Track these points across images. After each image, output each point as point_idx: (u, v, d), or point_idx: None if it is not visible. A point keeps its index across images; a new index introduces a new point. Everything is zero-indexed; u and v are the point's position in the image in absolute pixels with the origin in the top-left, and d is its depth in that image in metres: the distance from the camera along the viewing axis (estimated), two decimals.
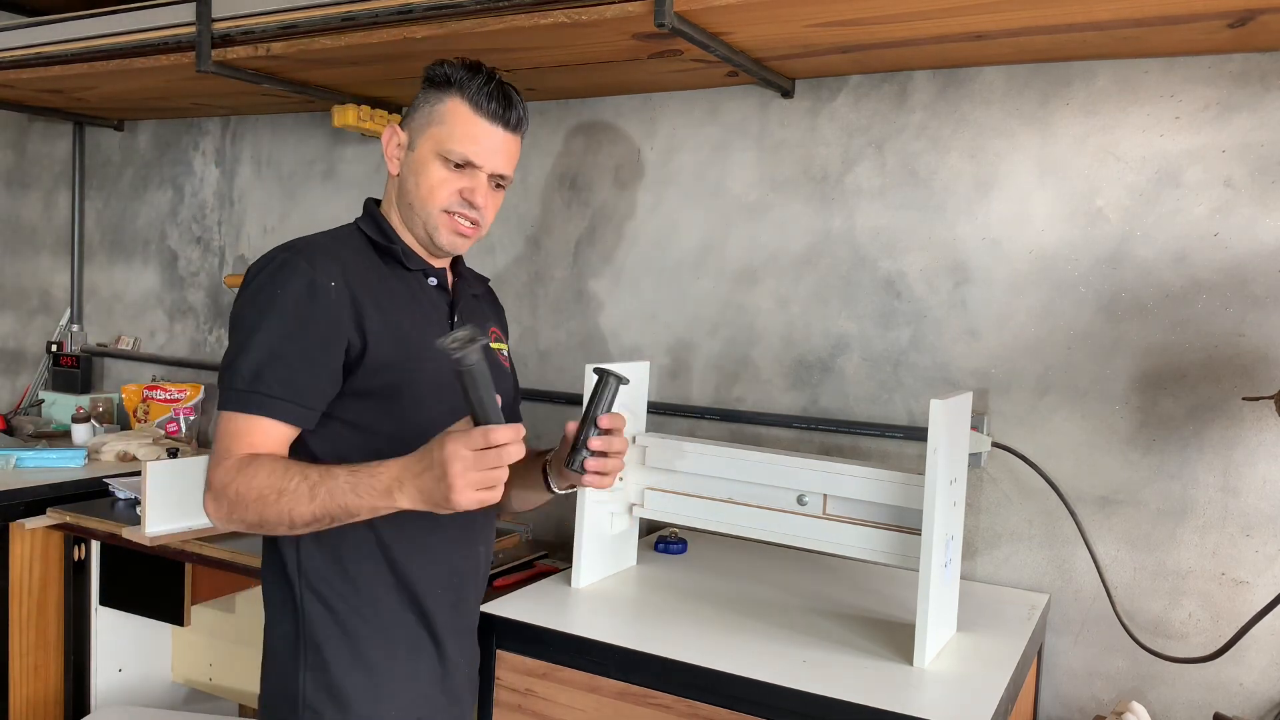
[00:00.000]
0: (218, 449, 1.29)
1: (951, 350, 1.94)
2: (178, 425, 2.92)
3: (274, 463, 1.27)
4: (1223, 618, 1.71)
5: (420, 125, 1.41)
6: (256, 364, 1.28)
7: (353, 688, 1.34)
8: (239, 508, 1.26)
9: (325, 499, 1.23)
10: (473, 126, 1.39)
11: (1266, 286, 1.68)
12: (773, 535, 1.64)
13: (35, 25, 2.44)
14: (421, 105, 1.42)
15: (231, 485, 1.26)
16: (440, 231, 1.42)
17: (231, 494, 1.26)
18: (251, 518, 1.26)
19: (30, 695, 2.43)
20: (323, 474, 1.23)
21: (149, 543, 2.09)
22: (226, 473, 1.27)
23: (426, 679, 1.41)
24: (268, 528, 1.27)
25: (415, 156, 1.41)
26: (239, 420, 1.29)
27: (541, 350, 2.43)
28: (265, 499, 1.24)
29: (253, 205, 2.95)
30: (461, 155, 1.39)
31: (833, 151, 2.05)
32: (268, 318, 1.30)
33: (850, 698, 1.30)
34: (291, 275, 1.31)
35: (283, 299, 1.30)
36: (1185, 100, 1.73)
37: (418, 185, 1.40)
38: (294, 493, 1.23)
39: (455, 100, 1.39)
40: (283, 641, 1.38)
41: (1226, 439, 1.71)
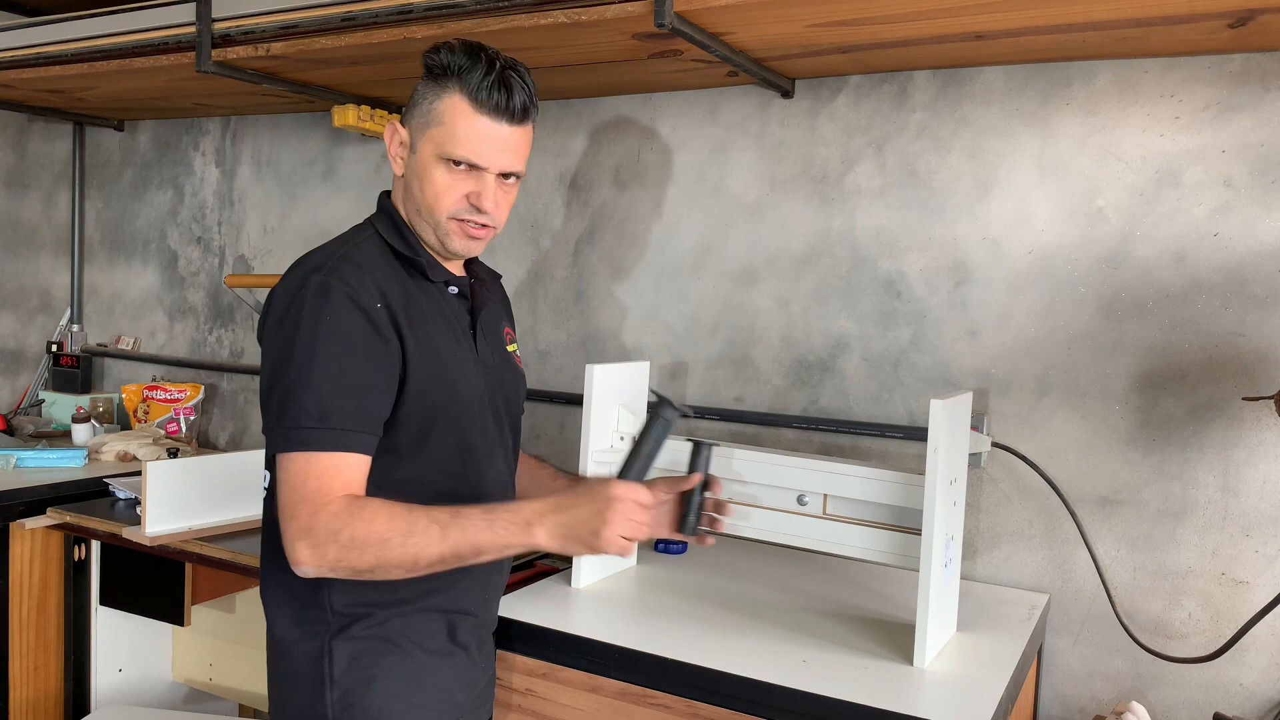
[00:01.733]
0: (306, 492, 1.20)
1: (951, 350, 1.94)
2: (178, 425, 2.92)
3: (392, 505, 1.20)
4: (1223, 618, 1.71)
5: (420, 124, 1.32)
6: (323, 397, 1.21)
7: (385, 701, 1.31)
8: (352, 552, 1.18)
9: (458, 538, 1.19)
10: (474, 124, 1.30)
11: (1266, 286, 1.68)
12: (773, 535, 1.64)
13: (35, 25, 2.44)
14: (420, 100, 1.33)
15: (345, 530, 1.18)
16: (452, 238, 1.35)
17: (345, 539, 1.18)
18: (366, 563, 1.19)
19: (30, 695, 2.43)
20: (453, 514, 1.20)
21: (149, 543, 2.09)
22: (336, 518, 1.18)
23: (456, 687, 1.38)
24: (380, 572, 1.20)
25: (417, 160, 1.33)
26: (320, 460, 1.21)
27: (541, 350, 2.43)
28: (389, 542, 1.18)
29: (253, 205, 2.95)
30: (463, 157, 1.30)
31: (833, 151, 2.05)
32: (322, 346, 1.22)
33: (850, 698, 1.30)
34: (335, 298, 1.23)
35: (332, 325, 1.23)
36: (1185, 100, 1.73)
37: (423, 191, 1.33)
38: (424, 533, 1.19)
39: (454, 95, 1.29)
40: (304, 661, 1.32)
41: (1226, 439, 1.71)
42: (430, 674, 1.34)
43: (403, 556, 1.19)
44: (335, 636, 1.31)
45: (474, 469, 1.38)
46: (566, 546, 1.22)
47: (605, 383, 1.73)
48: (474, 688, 1.42)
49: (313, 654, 1.31)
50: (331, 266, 1.27)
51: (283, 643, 1.34)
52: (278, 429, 1.23)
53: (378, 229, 1.37)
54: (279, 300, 1.27)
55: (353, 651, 1.30)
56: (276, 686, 1.37)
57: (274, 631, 1.36)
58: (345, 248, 1.32)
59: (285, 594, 1.34)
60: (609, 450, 1.76)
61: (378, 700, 1.30)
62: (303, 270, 1.28)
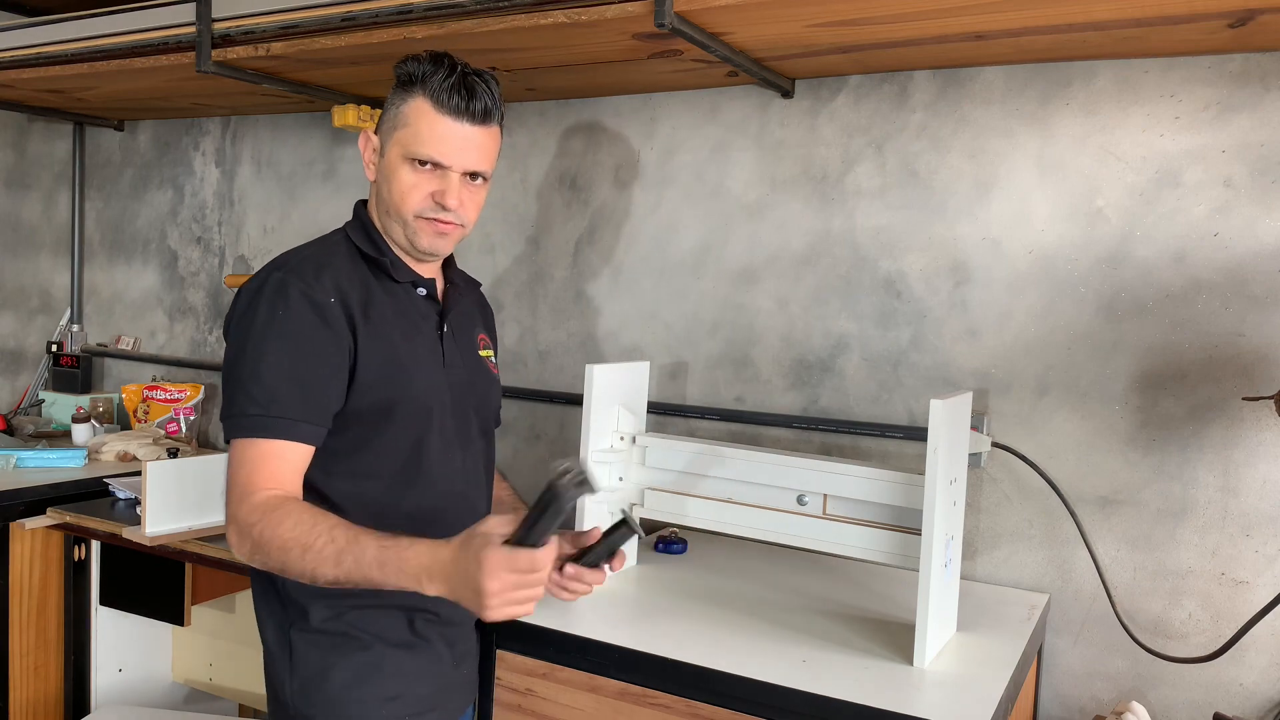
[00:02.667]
0: (238, 479, 1.25)
1: (951, 350, 1.94)
2: (178, 425, 2.92)
3: (300, 512, 1.21)
4: (1223, 618, 1.71)
5: (388, 128, 1.37)
6: (269, 387, 1.26)
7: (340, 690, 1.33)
8: (261, 551, 1.22)
9: (351, 568, 1.18)
10: (437, 125, 1.33)
11: (1266, 286, 1.68)
12: (773, 535, 1.64)
13: (35, 25, 2.44)
14: (389, 107, 1.38)
15: (256, 527, 1.21)
16: (420, 236, 1.38)
17: (255, 535, 1.21)
18: (274, 564, 1.22)
19: (30, 695, 2.43)
20: (350, 540, 1.18)
21: (149, 543, 2.09)
22: (252, 511, 1.22)
23: (419, 679, 1.40)
24: (289, 575, 1.23)
25: (386, 162, 1.37)
26: (257, 446, 1.25)
27: (541, 350, 2.43)
28: (289, 551, 1.19)
29: (253, 205, 2.95)
30: (427, 155, 1.34)
31: (833, 151, 2.05)
32: (272, 340, 1.27)
33: (850, 698, 1.30)
34: (291, 295, 1.28)
35: (284, 319, 1.27)
36: (1185, 100, 1.73)
37: (390, 191, 1.37)
38: (319, 553, 1.18)
39: (418, 99, 1.34)
40: (273, 651, 1.38)
41: (1226, 439, 1.71)
42: (390, 663, 1.37)
43: (301, 569, 1.19)
44: (293, 627, 1.35)
45: (426, 468, 1.39)
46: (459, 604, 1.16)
47: (605, 383, 1.73)
48: (439, 680, 1.42)
49: (277, 645, 1.37)
50: (293, 265, 1.33)
51: (262, 637, 1.41)
52: (226, 418, 1.29)
53: (348, 233, 1.42)
54: (241, 298, 1.33)
55: (310, 642, 1.35)
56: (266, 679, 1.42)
57: (259, 627, 1.42)
58: (312, 249, 1.39)
59: (257, 586, 1.41)
60: (609, 450, 1.76)
61: (334, 689, 1.34)
62: (266, 269, 1.34)
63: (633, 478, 1.78)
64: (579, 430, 1.73)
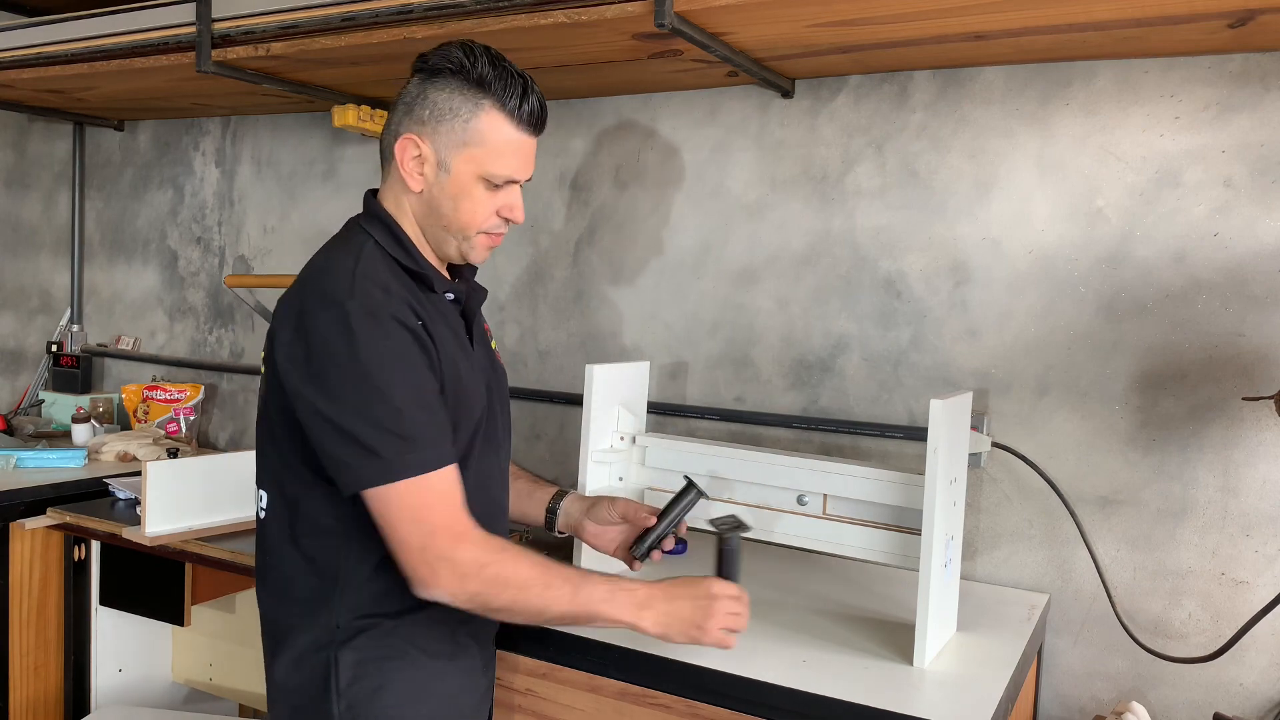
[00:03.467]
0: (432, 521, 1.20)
1: (951, 350, 1.94)
2: (178, 425, 2.92)
3: (532, 554, 1.25)
4: (1223, 618, 1.71)
5: (454, 142, 1.28)
6: (412, 420, 1.20)
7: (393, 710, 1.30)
8: (493, 588, 1.21)
9: (584, 602, 1.25)
10: (514, 144, 1.30)
11: (1266, 286, 1.68)
12: (773, 535, 1.64)
13: (35, 25, 2.44)
14: (449, 115, 1.28)
15: (491, 567, 1.21)
16: (475, 250, 1.35)
17: (489, 575, 1.21)
18: (500, 602, 1.23)
19: (30, 695, 2.43)
20: (582, 577, 1.27)
21: (149, 543, 2.09)
22: (482, 552, 1.21)
23: (461, 693, 1.38)
24: (508, 614, 1.25)
25: (453, 180, 1.29)
26: (430, 482, 1.20)
27: (541, 350, 2.43)
28: (529, 589, 1.23)
29: (253, 205, 2.95)
30: (510, 176, 1.30)
31: (833, 151, 2.05)
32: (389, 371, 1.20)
33: (850, 698, 1.30)
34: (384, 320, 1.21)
35: (393, 349, 1.21)
36: (1185, 100, 1.73)
37: (457, 210, 1.30)
38: (559, 589, 1.24)
39: (493, 113, 1.27)
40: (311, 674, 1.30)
41: (1226, 439, 1.71)
42: (436, 681, 1.34)
43: (536, 605, 1.24)
44: (342, 647, 1.29)
45: (484, 472, 1.38)
46: (667, 634, 1.30)
47: (605, 383, 1.73)
48: (477, 691, 1.42)
49: (317, 667, 1.30)
50: (361, 290, 1.23)
51: (289, 660, 1.33)
52: (370, 460, 1.19)
53: (376, 240, 1.32)
54: (319, 333, 1.21)
55: (358, 660, 1.29)
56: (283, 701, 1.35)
57: (279, 649, 1.34)
58: (355, 263, 1.27)
59: (293, 609, 1.33)
60: (609, 450, 1.76)
61: (385, 709, 1.29)
62: (332, 298, 1.22)
63: (633, 478, 1.78)
64: (579, 430, 1.73)
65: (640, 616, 1.28)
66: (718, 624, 1.30)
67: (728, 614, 1.31)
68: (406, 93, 1.32)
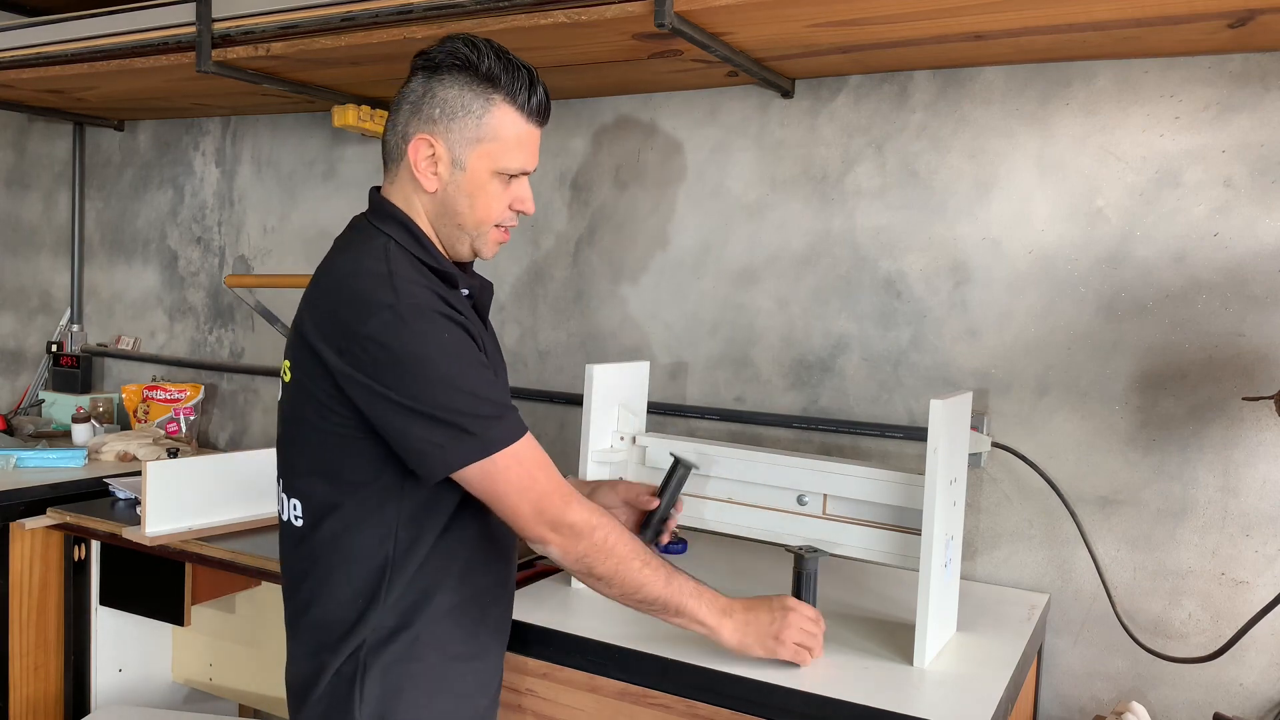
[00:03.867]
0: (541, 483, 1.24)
1: (951, 350, 1.94)
2: (178, 425, 2.92)
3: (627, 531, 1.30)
4: (1223, 618, 1.71)
5: (467, 139, 1.28)
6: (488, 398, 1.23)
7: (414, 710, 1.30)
8: (599, 554, 1.26)
9: (676, 591, 1.31)
10: (525, 136, 1.31)
11: (1266, 286, 1.68)
12: (773, 535, 1.64)
13: (35, 25, 2.44)
14: (461, 111, 1.28)
15: (599, 530, 1.26)
16: (488, 245, 1.36)
17: (599, 539, 1.26)
18: (603, 570, 1.27)
19: (30, 695, 2.43)
20: (673, 568, 1.33)
21: (149, 543, 2.09)
22: (590, 513, 1.26)
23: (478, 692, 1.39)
24: (605, 584, 1.28)
25: (469, 177, 1.30)
26: (527, 447, 1.24)
27: (541, 350, 2.43)
28: (630, 562, 1.28)
29: (253, 205, 2.95)
30: (520, 168, 1.32)
31: (833, 151, 2.05)
32: (456, 357, 1.22)
33: (850, 698, 1.30)
34: (436, 316, 1.22)
35: (451, 340, 1.23)
36: (1185, 100, 1.73)
37: (473, 207, 1.31)
38: (655, 571, 1.30)
39: (504, 107, 1.28)
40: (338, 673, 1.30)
41: (1226, 439, 1.71)
42: (455, 682, 1.34)
43: (635, 581, 1.28)
44: (372, 651, 1.29)
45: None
46: (744, 644, 1.36)
47: (605, 383, 1.73)
48: (490, 692, 1.42)
49: (343, 670, 1.29)
50: (403, 290, 1.22)
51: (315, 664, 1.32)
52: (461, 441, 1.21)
53: (397, 240, 1.30)
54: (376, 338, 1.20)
55: (385, 665, 1.29)
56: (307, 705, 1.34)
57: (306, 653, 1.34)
58: (386, 265, 1.26)
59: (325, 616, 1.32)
60: (609, 450, 1.76)
61: (405, 710, 1.29)
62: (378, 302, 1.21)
63: (632, 478, 1.78)
64: (579, 430, 1.73)
65: (721, 623, 1.35)
66: (793, 637, 1.36)
67: (802, 630, 1.37)
68: (411, 91, 1.32)
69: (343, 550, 1.30)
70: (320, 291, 1.29)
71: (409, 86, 1.32)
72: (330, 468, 1.29)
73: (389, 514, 1.28)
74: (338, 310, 1.24)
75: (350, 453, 1.27)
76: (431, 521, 1.30)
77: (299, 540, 1.34)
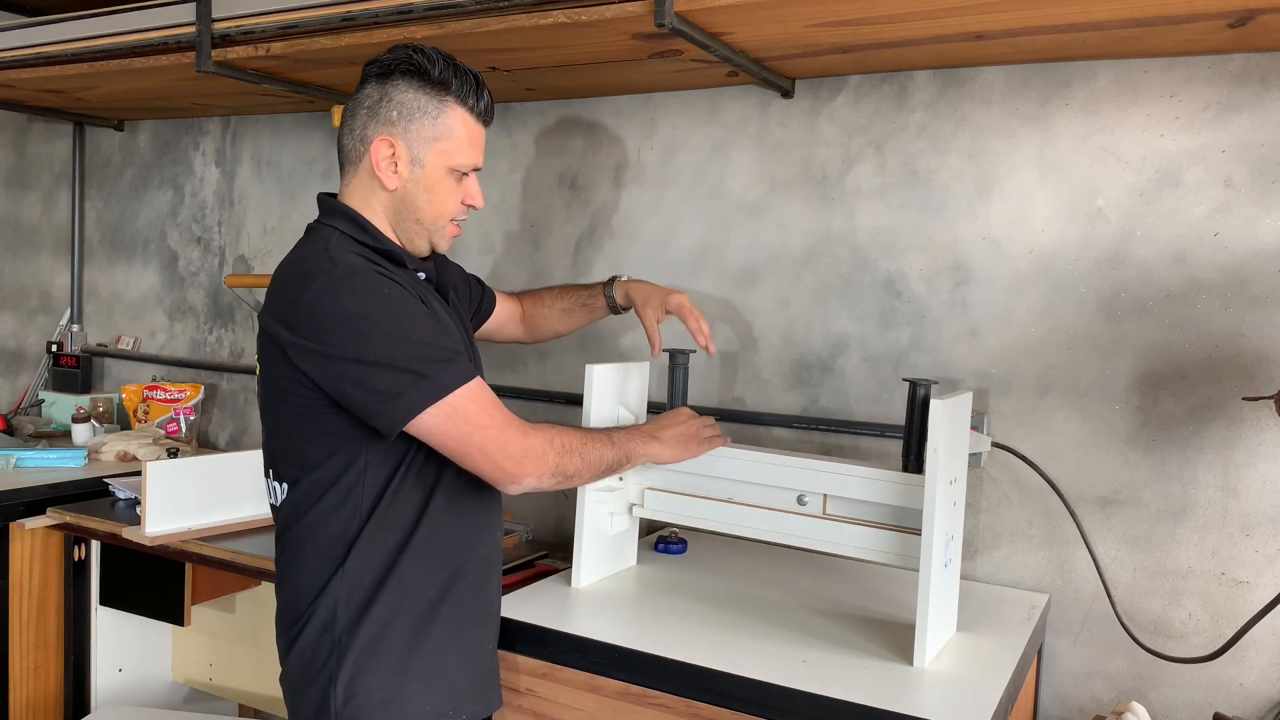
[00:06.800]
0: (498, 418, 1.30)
1: (952, 350, 1.94)
2: (178, 425, 2.92)
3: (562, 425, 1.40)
4: (1223, 618, 1.71)
5: (424, 138, 1.38)
6: (436, 344, 1.28)
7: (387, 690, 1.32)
8: (566, 457, 1.36)
9: (621, 444, 1.46)
10: (475, 135, 1.42)
11: (1266, 286, 1.68)
12: (773, 535, 1.64)
13: (35, 25, 2.44)
14: (418, 114, 1.37)
15: (557, 439, 1.36)
16: (442, 239, 1.45)
17: (559, 445, 1.35)
18: (574, 466, 1.37)
19: (30, 695, 2.43)
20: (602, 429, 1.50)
21: (149, 543, 2.09)
22: (542, 430, 1.35)
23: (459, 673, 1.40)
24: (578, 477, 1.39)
25: (426, 174, 1.39)
26: (477, 388, 1.30)
27: (541, 350, 2.43)
28: (586, 447, 1.39)
29: (253, 205, 2.95)
30: (473, 165, 1.42)
31: (833, 151, 2.05)
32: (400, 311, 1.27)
33: (850, 698, 1.30)
34: (373, 278, 1.28)
35: (390, 295, 1.28)
36: (1185, 100, 1.73)
37: (431, 203, 1.40)
38: (602, 440, 1.43)
39: (455, 109, 1.39)
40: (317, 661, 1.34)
41: (1226, 439, 1.71)
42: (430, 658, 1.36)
43: (596, 458, 1.40)
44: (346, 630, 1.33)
45: None
46: (677, 455, 1.57)
47: (605, 383, 1.73)
48: (473, 671, 1.43)
49: (321, 651, 1.34)
50: (341, 260, 1.30)
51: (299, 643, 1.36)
52: (416, 386, 1.24)
53: (341, 230, 1.38)
54: (317, 305, 1.26)
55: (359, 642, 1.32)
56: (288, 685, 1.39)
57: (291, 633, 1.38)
58: (326, 246, 1.34)
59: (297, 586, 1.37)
60: None
61: (381, 689, 1.32)
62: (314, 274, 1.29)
63: (632, 478, 1.78)
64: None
65: (654, 446, 1.53)
66: (703, 434, 1.61)
67: (705, 425, 1.62)
68: (366, 97, 1.42)
69: (311, 528, 1.35)
70: (272, 285, 1.38)
71: (363, 93, 1.42)
72: (297, 449, 1.35)
73: (353, 489, 1.32)
74: (281, 290, 1.33)
75: (312, 432, 1.32)
76: (400, 496, 1.34)
77: (277, 521, 1.42)
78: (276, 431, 1.39)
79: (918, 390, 1.54)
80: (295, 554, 1.38)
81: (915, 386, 1.54)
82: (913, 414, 1.53)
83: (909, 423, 1.54)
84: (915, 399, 1.54)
